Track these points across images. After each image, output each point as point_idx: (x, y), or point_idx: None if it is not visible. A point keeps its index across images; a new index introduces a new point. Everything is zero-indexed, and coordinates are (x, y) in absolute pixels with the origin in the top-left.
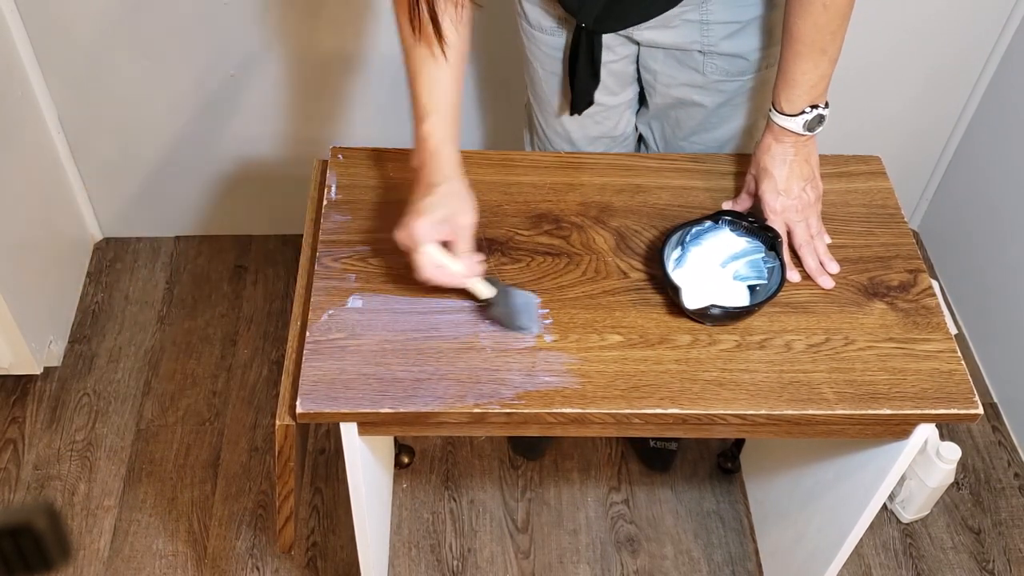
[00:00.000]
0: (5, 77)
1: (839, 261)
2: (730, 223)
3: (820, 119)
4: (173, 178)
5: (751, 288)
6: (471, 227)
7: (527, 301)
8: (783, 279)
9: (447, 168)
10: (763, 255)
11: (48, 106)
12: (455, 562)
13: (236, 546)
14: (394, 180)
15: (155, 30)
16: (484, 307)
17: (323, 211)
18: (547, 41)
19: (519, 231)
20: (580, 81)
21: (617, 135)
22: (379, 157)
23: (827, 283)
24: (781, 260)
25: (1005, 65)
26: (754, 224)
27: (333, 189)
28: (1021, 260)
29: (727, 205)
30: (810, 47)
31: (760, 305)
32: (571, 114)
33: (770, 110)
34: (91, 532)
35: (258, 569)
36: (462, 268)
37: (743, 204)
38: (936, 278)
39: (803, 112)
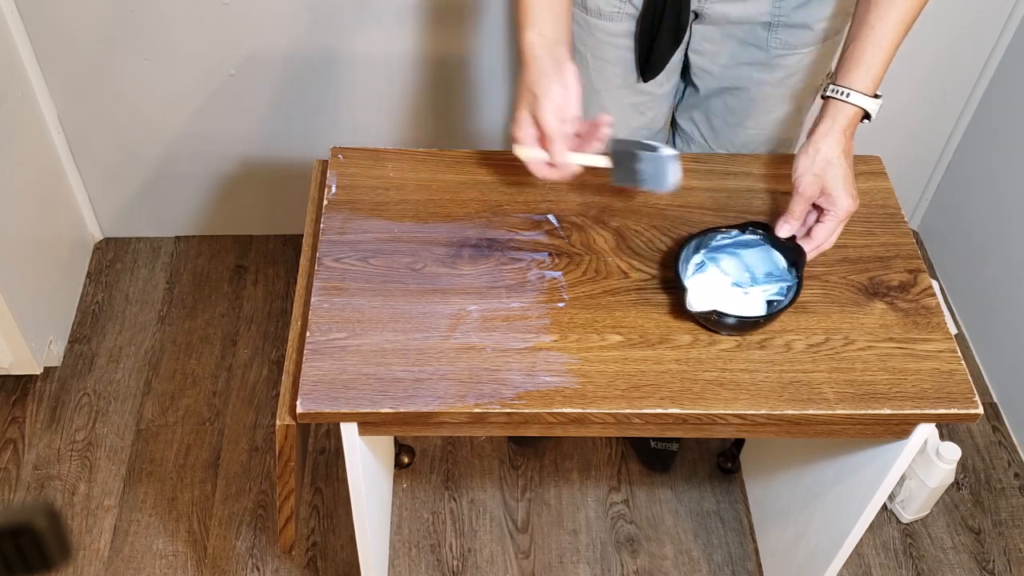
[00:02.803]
0: (5, 77)
1: (839, 261)
2: (760, 235)
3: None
4: (173, 178)
5: (768, 303)
6: (577, 100)
7: (660, 154)
8: (796, 297)
9: (560, 50)
10: (786, 271)
11: (48, 106)
12: (455, 562)
13: (236, 546)
14: (394, 180)
15: (155, 30)
16: (615, 170)
17: (323, 211)
18: (603, 27)
19: (519, 231)
20: (661, 43)
21: (656, 128)
22: (379, 157)
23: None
24: (799, 279)
25: (1005, 65)
26: (782, 240)
27: (333, 189)
28: (1021, 260)
29: (784, 231)
30: (910, 17)
31: (767, 319)
32: (645, 80)
33: (847, 93)
34: (91, 532)
35: (258, 569)
36: (575, 162)
37: (800, 216)
38: (936, 278)
39: (877, 95)
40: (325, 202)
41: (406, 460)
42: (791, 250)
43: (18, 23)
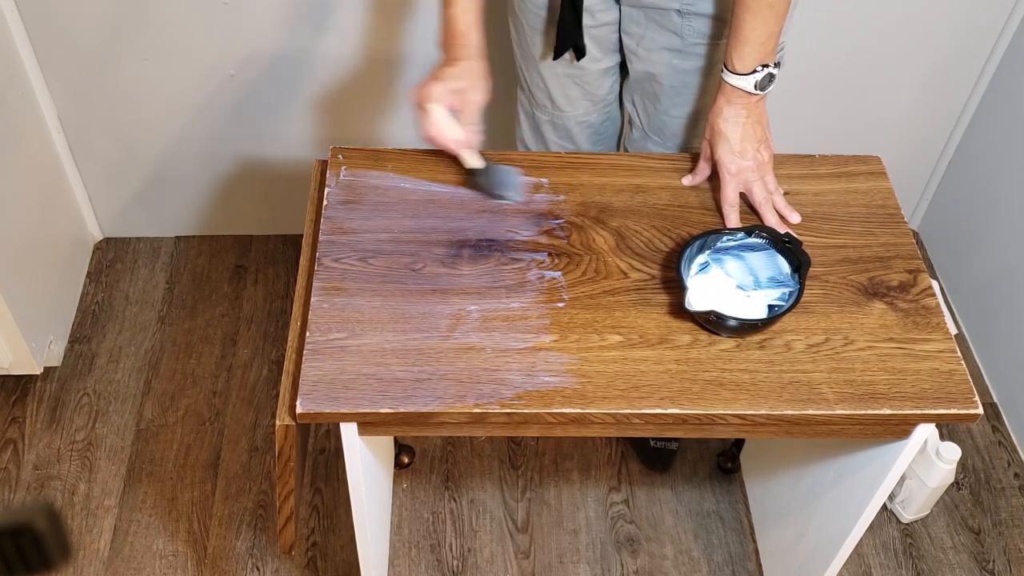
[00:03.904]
0: (5, 77)
1: (839, 261)
2: (765, 238)
3: (770, 78)
4: (173, 178)
5: (769, 307)
6: (480, 104)
7: (509, 172)
8: (796, 302)
9: (470, 49)
10: (789, 276)
11: (48, 106)
12: (455, 562)
13: (236, 546)
14: (394, 180)
15: (155, 30)
16: (472, 176)
17: (323, 211)
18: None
19: (519, 231)
20: (565, 19)
21: (597, 98)
22: (379, 157)
23: (795, 219)
24: (801, 284)
25: (1005, 65)
26: (788, 245)
27: (333, 189)
28: (1021, 260)
29: (687, 180)
30: (757, 2)
31: (766, 323)
32: (554, 59)
33: (722, 71)
34: (91, 532)
35: (258, 569)
36: (461, 134)
37: (702, 173)
38: (936, 278)
39: (754, 71)
40: (325, 202)
41: (406, 460)
42: (795, 255)
43: (18, 23)
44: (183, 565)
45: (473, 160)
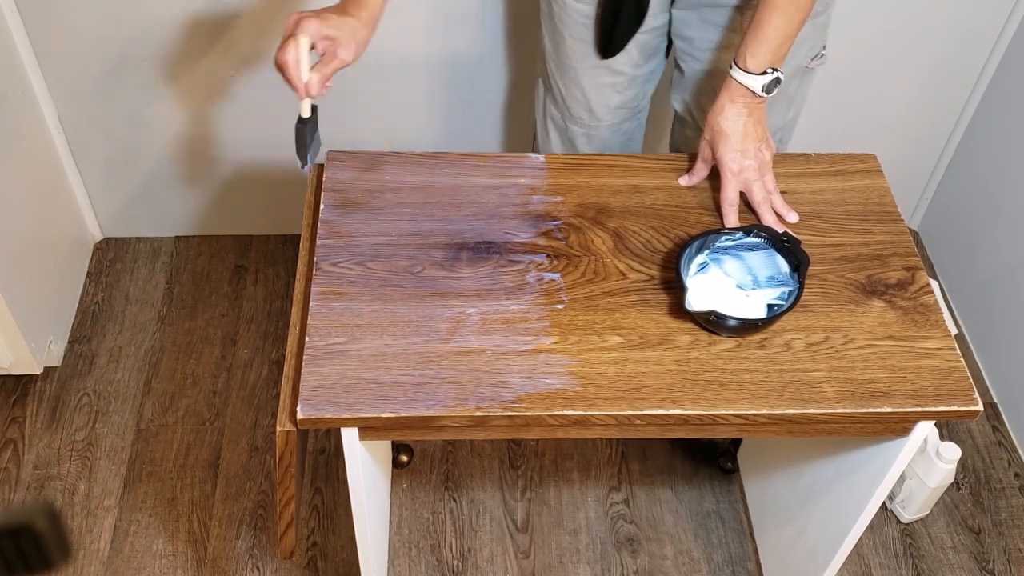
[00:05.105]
0: (5, 77)
1: (837, 259)
2: (764, 238)
3: (777, 82)
4: (173, 178)
5: (768, 307)
6: (344, 63)
7: (318, 142)
8: (796, 301)
9: (366, 12)
10: (788, 275)
11: (48, 106)
12: (455, 562)
13: (236, 546)
14: (391, 183)
15: (155, 30)
16: (297, 124)
17: (320, 215)
18: (574, 7)
19: (517, 233)
20: (623, 25)
21: (636, 106)
22: (376, 160)
23: (792, 219)
24: (801, 283)
25: (1005, 65)
26: (786, 244)
27: (330, 193)
28: (1021, 260)
29: (684, 181)
30: (787, 1)
31: (766, 322)
32: (603, 58)
33: (731, 67)
34: (91, 532)
35: (258, 569)
36: (311, 78)
37: (699, 173)
38: (936, 278)
39: (765, 72)
40: (322, 206)
41: (405, 459)
42: (794, 255)
43: (18, 23)
44: (183, 565)
45: (305, 110)
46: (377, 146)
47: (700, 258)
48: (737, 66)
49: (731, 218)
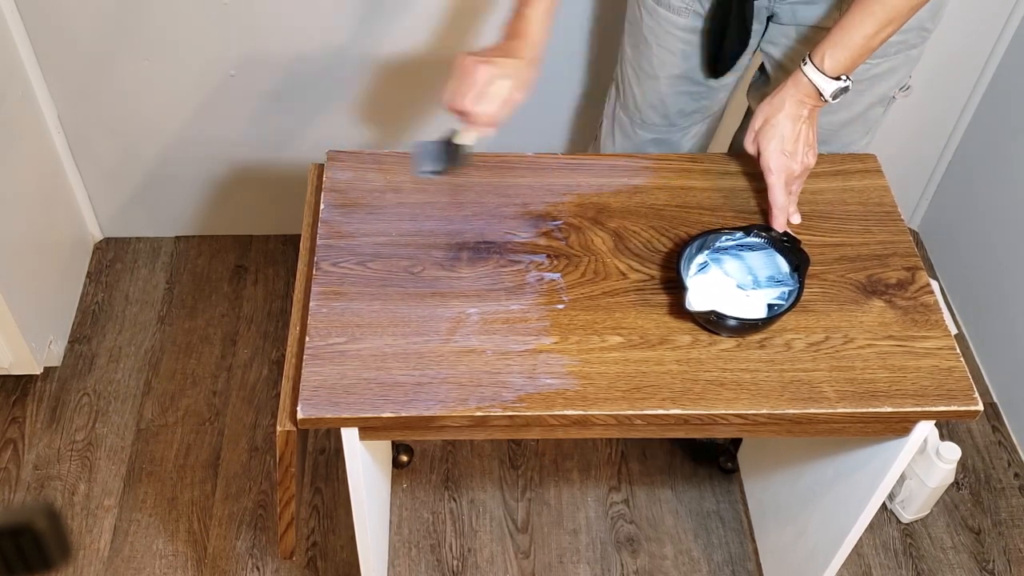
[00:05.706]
0: (5, 77)
1: (837, 259)
2: (764, 238)
3: (844, 91)
4: (173, 178)
5: (769, 306)
6: (516, 105)
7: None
8: (796, 301)
9: (534, 52)
10: (788, 275)
11: (48, 106)
12: (455, 562)
13: (236, 546)
14: (391, 183)
15: (155, 30)
16: (445, 146)
17: (320, 215)
18: (669, 19)
19: (517, 233)
20: (729, 44)
21: (713, 112)
22: (376, 160)
23: (796, 220)
24: (801, 283)
25: (1005, 65)
26: (786, 244)
27: (330, 193)
28: (1021, 260)
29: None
30: (884, 7)
31: (766, 322)
32: (715, 77)
33: (804, 64)
34: (91, 532)
35: (258, 569)
36: (492, 111)
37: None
38: (936, 278)
39: (839, 78)
40: (322, 206)
41: (404, 459)
42: (794, 255)
43: (18, 23)
44: (183, 565)
45: (470, 139)
46: (377, 146)
47: (700, 258)
48: (812, 63)
49: (780, 220)
